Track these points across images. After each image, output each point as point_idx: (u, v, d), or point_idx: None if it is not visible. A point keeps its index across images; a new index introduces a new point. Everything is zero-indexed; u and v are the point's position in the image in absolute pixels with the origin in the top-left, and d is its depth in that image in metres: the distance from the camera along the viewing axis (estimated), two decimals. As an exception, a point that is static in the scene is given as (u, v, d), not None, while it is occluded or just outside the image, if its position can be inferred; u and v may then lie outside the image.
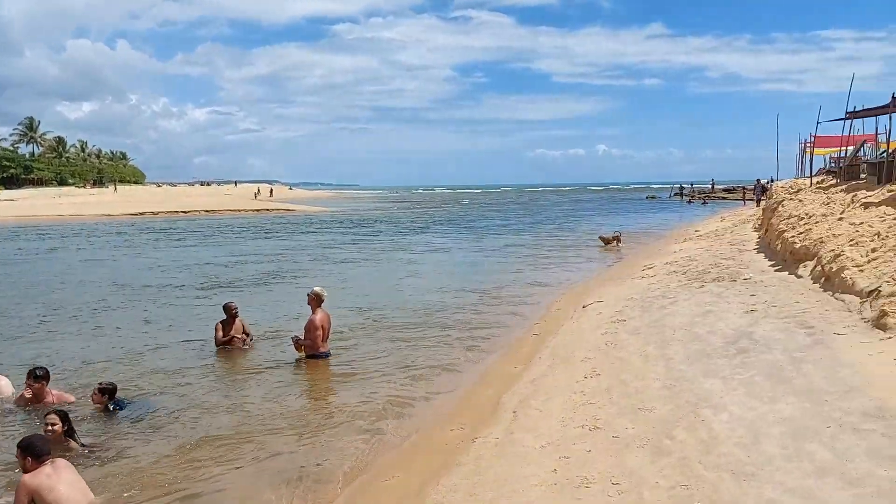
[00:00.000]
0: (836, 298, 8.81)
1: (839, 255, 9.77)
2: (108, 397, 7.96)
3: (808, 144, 30.00)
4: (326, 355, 9.91)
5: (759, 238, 18.91)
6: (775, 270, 12.61)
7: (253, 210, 62.30)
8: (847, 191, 15.83)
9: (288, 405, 7.99)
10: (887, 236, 9.66)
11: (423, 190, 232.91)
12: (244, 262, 22.59)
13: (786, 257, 12.86)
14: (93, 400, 8.00)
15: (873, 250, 9.37)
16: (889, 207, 11.85)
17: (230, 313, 10.90)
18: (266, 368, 9.69)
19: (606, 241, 25.79)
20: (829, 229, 11.91)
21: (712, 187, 78.45)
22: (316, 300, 9.94)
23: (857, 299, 8.23)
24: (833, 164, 35.69)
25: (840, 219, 12.71)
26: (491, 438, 5.90)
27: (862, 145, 21.44)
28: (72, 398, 8.22)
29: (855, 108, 18.60)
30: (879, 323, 7.00)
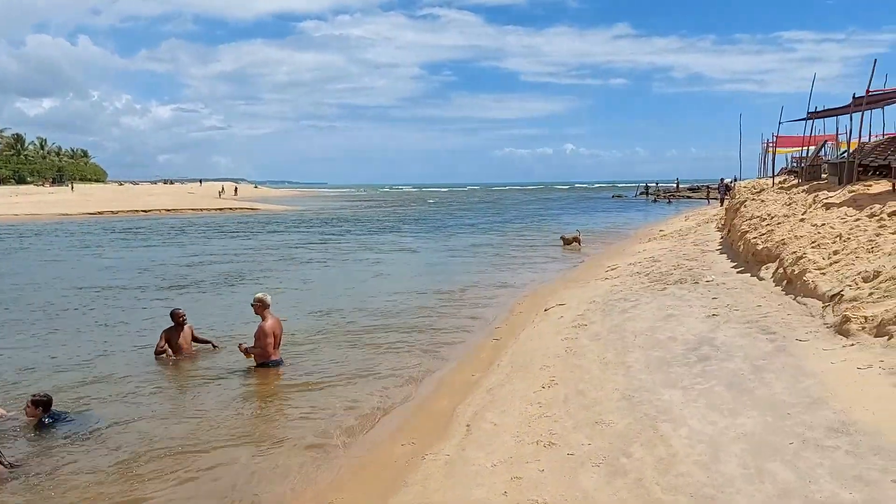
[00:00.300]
0: (799, 302, 8.67)
1: (801, 258, 9.66)
2: (43, 410, 7.49)
3: (771, 144, 30.23)
4: (278, 363, 9.52)
5: (721, 238, 18.91)
6: (737, 272, 12.51)
7: (216, 209, 61.27)
8: (809, 191, 15.84)
9: (234, 418, 7.61)
10: (849, 238, 9.57)
11: (391, 189, 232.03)
12: (206, 263, 22.03)
13: (748, 259, 12.77)
14: (26, 413, 7.53)
15: (835, 252, 9.27)
16: (850, 208, 11.81)
17: (177, 320, 10.48)
18: (214, 378, 9.27)
19: (567, 241, 25.65)
20: (791, 230, 11.84)
21: (677, 186, 79.16)
22: (262, 306, 9.54)
23: (820, 303, 8.09)
24: (795, 164, 36.11)
25: (802, 220, 12.66)
26: (442, 456, 5.59)
27: (823, 145, 21.58)
28: (2, 412, 7.73)
29: (816, 108, 18.67)
30: (842, 329, 6.85)
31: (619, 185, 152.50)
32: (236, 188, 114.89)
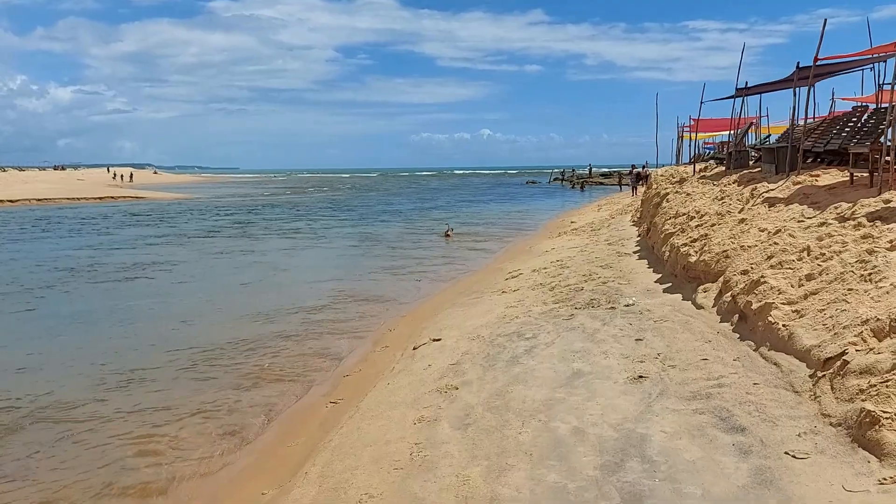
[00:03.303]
0: (765, 357, 5.80)
1: (758, 283, 6.81)
2: None
3: (689, 128, 28.07)
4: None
5: (639, 236, 16.25)
6: (664, 290, 9.69)
7: (95, 198, 55.55)
8: (741, 182, 13.25)
9: None
10: (823, 254, 6.77)
11: (307, 174, 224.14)
12: (40, 265, 18.01)
13: (677, 271, 9.98)
14: None
15: (808, 277, 6.45)
16: (805, 207, 9.13)
17: None
18: None
19: (445, 234, 25.35)
20: (734, 237, 9.07)
21: (590, 172, 77.94)
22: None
23: (804, 366, 5.22)
24: (709, 150, 34.20)
25: (742, 221, 9.95)
26: None
27: (749, 127, 19.23)
28: None
29: (747, 83, 16.04)
30: (865, 438, 3.94)
31: (544, 171, 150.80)
32: (131, 174, 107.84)
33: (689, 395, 5.31)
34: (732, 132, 18.11)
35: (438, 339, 8.86)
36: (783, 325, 5.83)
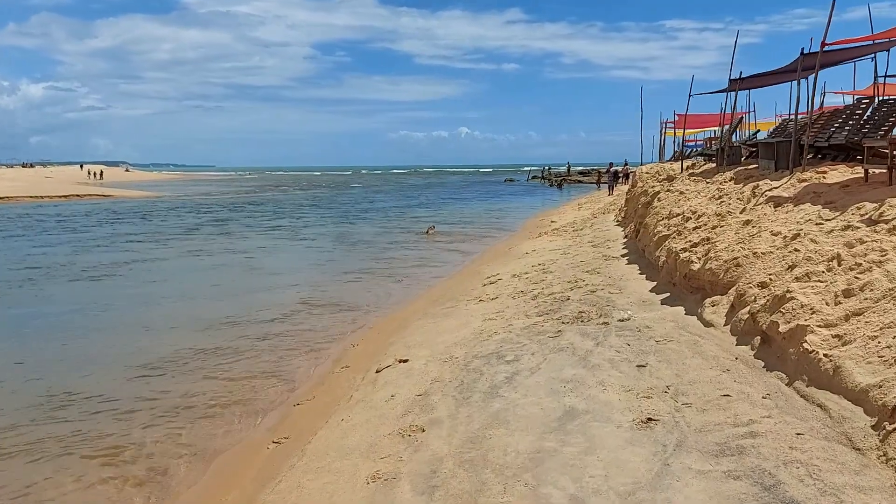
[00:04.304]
0: (803, 396, 4.70)
1: (784, 299, 5.72)
2: None
3: (673, 124, 27.11)
4: None
5: (626, 238, 15.19)
6: (662, 301, 8.60)
7: (60, 196, 53.67)
8: (738, 180, 12.22)
9: None
10: (859, 265, 5.68)
11: (283, 171, 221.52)
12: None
13: (676, 280, 8.89)
14: None
15: (847, 293, 5.36)
16: (822, 208, 8.07)
17: None
18: None
19: (427, 232, 25.27)
20: (743, 242, 7.99)
21: (568, 170, 77.19)
22: None
23: (860, 412, 4.12)
24: (690, 147, 33.25)
25: (747, 222, 8.89)
26: None
27: (740, 122, 18.23)
28: None
29: (741, 74, 14.90)
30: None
31: (510, 169, 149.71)
32: (102, 172, 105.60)
33: (714, 448, 4.19)
34: (723, 127, 17.08)
35: (405, 361, 7.69)
36: (824, 355, 4.73)
